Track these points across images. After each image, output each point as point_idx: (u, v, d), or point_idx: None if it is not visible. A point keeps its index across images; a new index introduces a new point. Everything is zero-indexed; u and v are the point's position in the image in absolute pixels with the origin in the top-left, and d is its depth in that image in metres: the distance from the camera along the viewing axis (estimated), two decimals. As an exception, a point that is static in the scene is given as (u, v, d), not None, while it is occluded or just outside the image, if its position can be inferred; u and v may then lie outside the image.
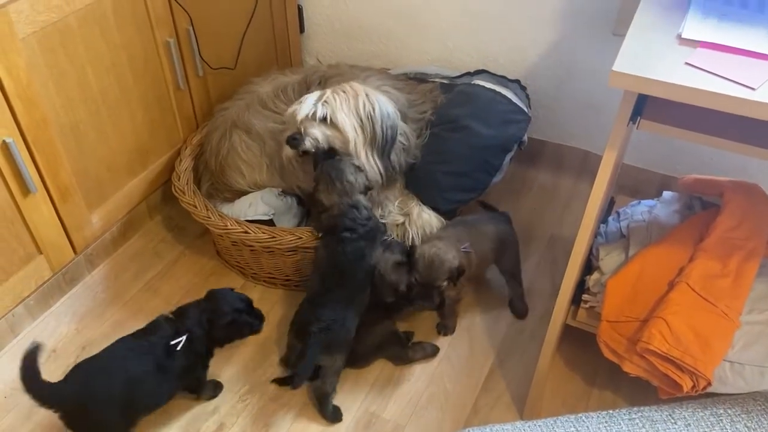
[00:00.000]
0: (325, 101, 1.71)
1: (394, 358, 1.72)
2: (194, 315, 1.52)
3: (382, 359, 1.72)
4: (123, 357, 1.46)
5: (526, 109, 2.00)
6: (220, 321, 1.52)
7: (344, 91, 1.73)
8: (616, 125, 1.16)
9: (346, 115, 1.71)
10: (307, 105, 1.71)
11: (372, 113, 1.72)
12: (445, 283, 1.61)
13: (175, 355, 1.47)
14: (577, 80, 2.10)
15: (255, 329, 1.60)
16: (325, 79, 1.94)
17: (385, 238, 1.74)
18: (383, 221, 1.80)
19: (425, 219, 1.82)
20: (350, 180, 1.67)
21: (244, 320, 1.56)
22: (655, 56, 1.09)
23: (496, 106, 1.97)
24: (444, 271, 1.59)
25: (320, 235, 1.71)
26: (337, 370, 1.59)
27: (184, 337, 1.47)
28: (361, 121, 1.72)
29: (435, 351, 1.73)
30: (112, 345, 1.50)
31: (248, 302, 1.60)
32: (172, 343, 1.46)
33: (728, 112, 1.03)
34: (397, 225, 1.83)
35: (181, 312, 1.54)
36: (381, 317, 1.70)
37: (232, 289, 1.61)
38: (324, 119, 1.70)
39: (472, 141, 1.86)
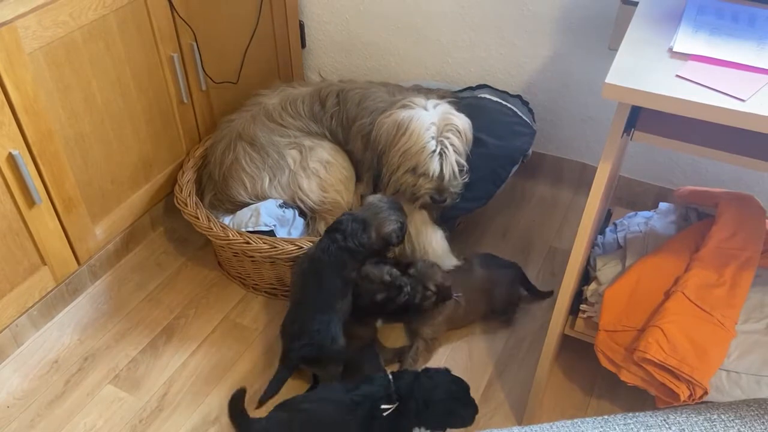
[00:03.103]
0: (462, 156, 1.80)
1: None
2: (408, 382, 1.45)
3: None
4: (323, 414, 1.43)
5: (531, 123, 2.04)
6: (436, 404, 1.43)
7: (458, 132, 1.80)
8: (611, 137, 1.18)
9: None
10: (452, 161, 1.77)
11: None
12: (433, 289, 1.65)
13: (379, 419, 1.39)
14: (574, 94, 2.13)
15: (466, 422, 1.47)
16: (344, 93, 1.96)
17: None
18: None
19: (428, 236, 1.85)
20: (384, 212, 1.70)
21: (457, 410, 1.46)
22: (647, 69, 1.11)
23: (504, 119, 2.00)
24: (439, 276, 1.66)
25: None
26: (332, 377, 1.61)
27: (394, 406, 1.40)
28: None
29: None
30: (320, 395, 1.49)
31: (465, 389, 1.48)
32: (383, 407, 1.39)
33: (720, 124, 1.05)
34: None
35: (399, 376, 1.47)
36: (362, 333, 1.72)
37: (448, 371, 1.51)
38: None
39: (481, 151, 1.89)
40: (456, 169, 1.78)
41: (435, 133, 1.74)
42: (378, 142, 1.81)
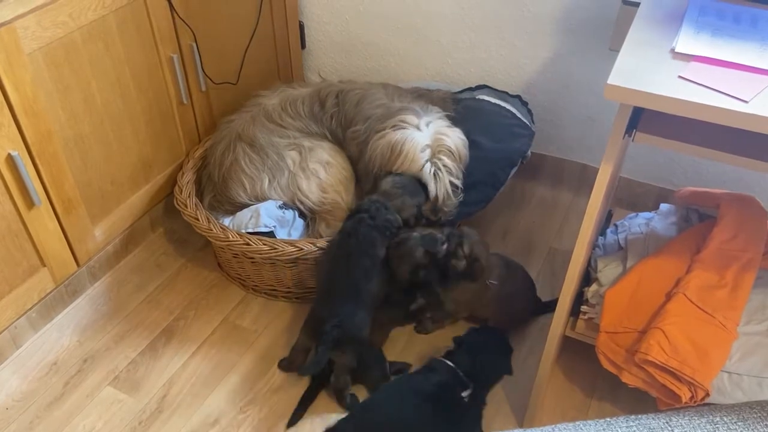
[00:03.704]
0: (457, 176, 1.81)
1: (371, 385, 1.68)
2: (470, 362, 1.50)
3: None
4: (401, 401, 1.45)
5: (529, 124, 2.03)
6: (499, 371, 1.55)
7: (451, 153, 1.80)
8: (612, 138, 1.17)
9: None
10: (445, 183, 1.78)
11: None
12: (466, 251, 1.64)
13: (461, 404, 1.44)
14: (574, 95, 2.13)
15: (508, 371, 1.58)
16: (343, 93, 1.96)
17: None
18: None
19: None
20: (399, 198, 1.71)
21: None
22: (650, 70, 1.11)
23: (502, 120, 2.00)
24: (476, 247, 1.65)
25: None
26: (347, 365, 1.60)
27: (470, 390, 1.46)
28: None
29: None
30: (393, 387, 1.52)
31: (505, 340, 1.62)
32: (463, 394, 1.44)
33: (722, 125, 1.05)
34: None
35: (457, 359, 1.51)
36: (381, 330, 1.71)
37: (485, 330, 1.63)
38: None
39: (479, 154, 1.88)
40: (450, 189, 1.79)
41: (429, 155, 1.75)
42: (373, 164, 1.81)
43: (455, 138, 1.81)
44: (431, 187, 1.76)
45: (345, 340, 1.56)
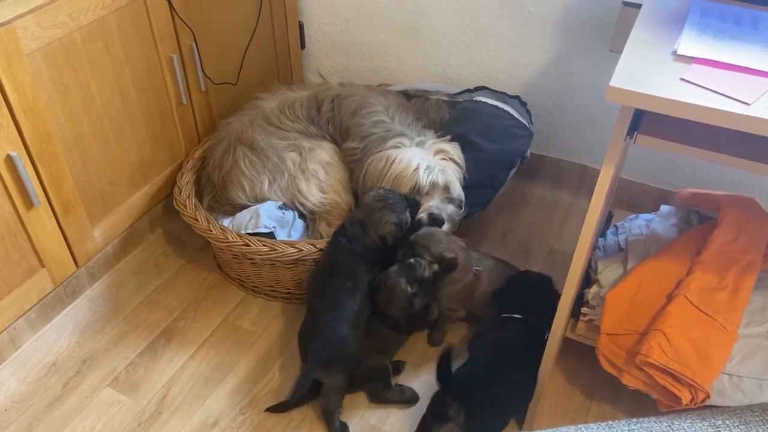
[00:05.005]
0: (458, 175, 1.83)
1: (371, 394, 1.67)
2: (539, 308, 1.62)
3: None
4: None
5: (528, 125, 2.03)
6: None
7: (450, 154, 1.83)
8: (613, 140, 1.17)
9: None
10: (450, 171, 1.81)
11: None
12: (429, 259, 1.60)
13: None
14: (575, 96, 2.13)
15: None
16: (339, 98, 1.96)
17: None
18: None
19: None
20: (377, 213, 1.67)
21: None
22: (651, 72, 1.11)
23: (500, 122, 1.99)
24: (440, 247, 1.62)
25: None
26: (338, 387, 1.57)
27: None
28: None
29: (414, 399, 1.66)
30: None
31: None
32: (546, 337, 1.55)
33: (723, 127, 1.04)
34: None
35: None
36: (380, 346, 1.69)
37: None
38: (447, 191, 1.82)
39: (478, 156, 1.88)
40: (454, 175, 1.80)
41: (424, 157, 1.78)
42: (367, 179, 1.82)
43: (452, 148, 1.84)
44: (423, 180, 1.75)
45: (331, 359, 1.53)
